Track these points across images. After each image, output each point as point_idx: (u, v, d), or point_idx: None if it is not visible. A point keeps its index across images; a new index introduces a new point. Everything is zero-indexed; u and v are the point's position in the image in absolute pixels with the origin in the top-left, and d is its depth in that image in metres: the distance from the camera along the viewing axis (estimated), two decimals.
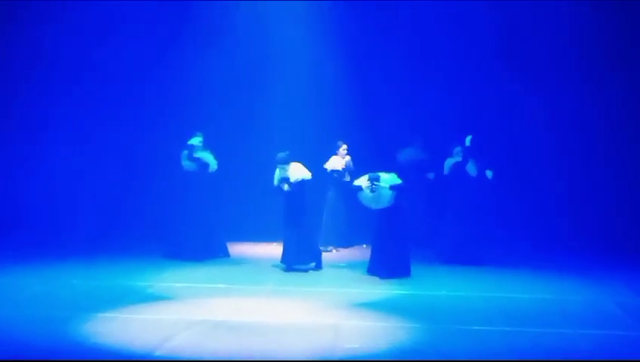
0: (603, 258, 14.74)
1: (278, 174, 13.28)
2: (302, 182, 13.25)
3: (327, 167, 15.25)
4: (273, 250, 14.67)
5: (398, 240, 12.77)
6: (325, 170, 15.19)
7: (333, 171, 15.26)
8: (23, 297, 11.03)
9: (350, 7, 16.77)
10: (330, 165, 15.28)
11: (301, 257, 13.28)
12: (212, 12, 16.70)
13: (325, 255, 14.13)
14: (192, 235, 14.10)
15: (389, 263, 12.73)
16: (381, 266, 12.79)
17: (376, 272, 12.80)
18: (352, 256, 14.76)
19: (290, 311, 10.59)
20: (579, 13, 16.11)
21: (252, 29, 16.84)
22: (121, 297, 11.09)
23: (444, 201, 14.67)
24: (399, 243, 12.77)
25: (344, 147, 15.31)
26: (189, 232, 14.10)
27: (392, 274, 12.66)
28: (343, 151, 15.30)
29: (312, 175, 13.40)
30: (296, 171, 13.27)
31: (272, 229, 15.17)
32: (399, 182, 12.76)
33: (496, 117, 16.61)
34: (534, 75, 16.48)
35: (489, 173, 14.32)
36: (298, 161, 13.37)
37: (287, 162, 13.22)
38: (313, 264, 13.40)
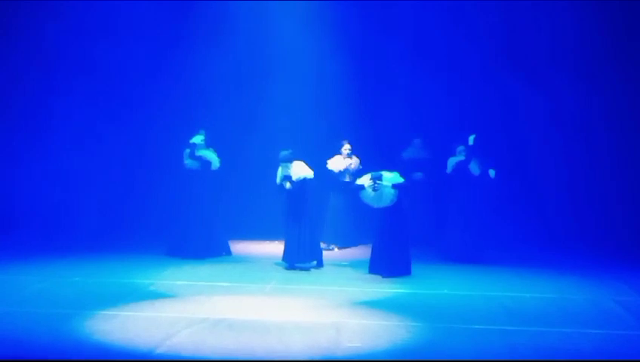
0: (604, 257, 14.73)
1: (280, 172, 13.29)
2: (304, 181, 13.26)
3: (329, 165, 15.23)
4: (275, 248, 14.69)
5: (399, 239, 12.76)
6: (327, 168, 15.19)
7: (332, 171, 15.24)
8: (25, 294, 11.05)
9: (352, 7, 16.75)
10: (332, 165, 15.27)
11: (303, 255, 13.30)
12: (215, 11, 16.69)
13: (327, 253, 14.15)
14: (193, 233, 14.10)
15: (391, 262, 12.72)
16: (383, 265, 12.77)
17: (378, 271, 12.80)
18: (353, 254, 14.76)
19: (291, 309, 10.59)
20: (580, 12, 16.09)
21: (255, 28, 16.84)
22: (122, 295, 11.10)
23: (447, 200, 14.68)
24: (401, 242, 12.77)
25: (346, 147, 15.29)
26: (190, 230, 14.11)
27: (394, 273, 12.65)
28: (346, 151, 15.30)
29: (314, 173, 13.41)
30: (299, 169, 13.27)
31: (273, 227, 15.20)
32: (402, 181, 12.76)
33: (499, 116, 16.60)
34: (537, 74, 16.46)
35: (492, 172, 14.33)
36: (300, 159, 13.39)
37: (289, 160, 13.24)
38: (315, 262, 13.42)
